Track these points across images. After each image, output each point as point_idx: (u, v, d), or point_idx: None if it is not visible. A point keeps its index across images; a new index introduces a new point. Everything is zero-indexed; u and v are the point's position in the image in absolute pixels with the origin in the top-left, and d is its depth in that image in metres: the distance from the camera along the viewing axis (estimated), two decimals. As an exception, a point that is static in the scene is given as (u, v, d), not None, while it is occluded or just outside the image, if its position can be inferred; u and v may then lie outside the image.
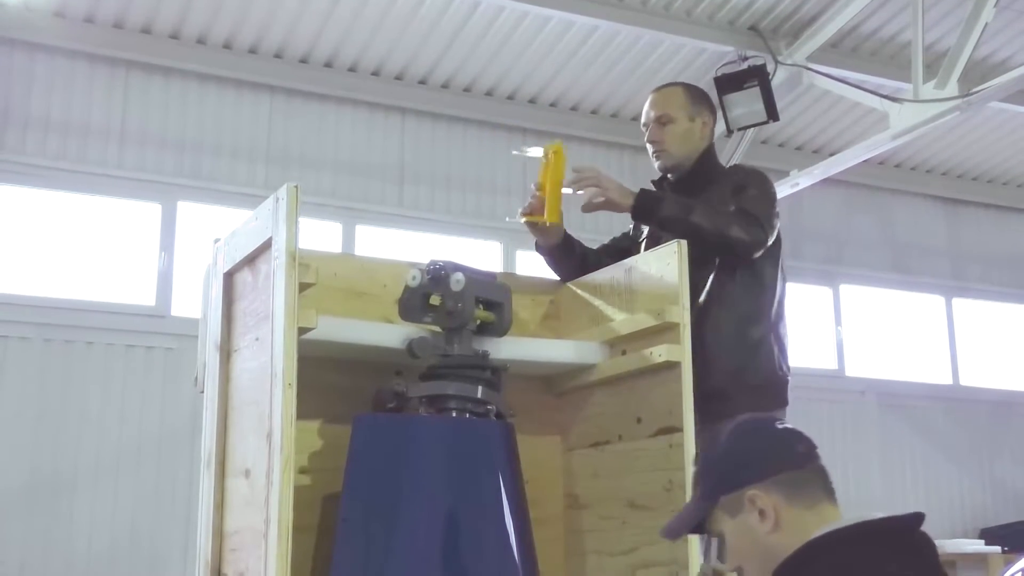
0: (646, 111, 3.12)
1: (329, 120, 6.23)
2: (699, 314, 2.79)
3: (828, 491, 1.73)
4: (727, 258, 2.91)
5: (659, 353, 2.54)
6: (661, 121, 3.06)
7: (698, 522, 1.81)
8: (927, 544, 1.65)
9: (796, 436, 1.79)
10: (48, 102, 5.63)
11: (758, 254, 2.91)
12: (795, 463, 1.74)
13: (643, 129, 3.13)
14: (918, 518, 1.67)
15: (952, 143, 7.51)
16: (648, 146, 3.10)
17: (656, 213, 2.89)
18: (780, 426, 1.80)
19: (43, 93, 5.62)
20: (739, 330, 2.90)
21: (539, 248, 3.10)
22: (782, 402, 2.94)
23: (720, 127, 3.52)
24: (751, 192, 2.95)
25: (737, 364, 2.87)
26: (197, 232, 5.71)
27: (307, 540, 2.46)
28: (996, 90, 5.42)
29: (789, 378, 2.98)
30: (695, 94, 3.16)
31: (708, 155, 3.10)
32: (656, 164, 3.11)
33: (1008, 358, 8.09)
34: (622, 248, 3.16)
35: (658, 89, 3.19)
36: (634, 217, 2.96)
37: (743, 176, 3.06)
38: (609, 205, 2.94)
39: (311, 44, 5.96)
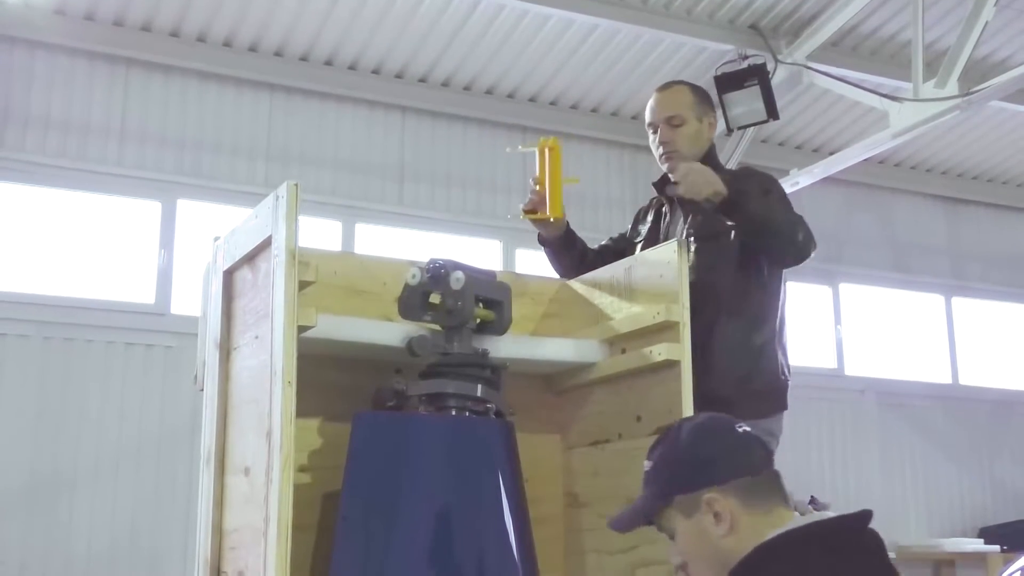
0: (653, 111, 3.07)
1: (329, 118, 6.23)
2: (710, 318, 2.78)
3: (783, 496, 1.74)
4: (779, 261, 2.89)
5: (659, 352, 2.53)
6: (672, 123, 3.01)
7: (649, 518, 1.81)
8: (875, 541, 1.67)
9: (755, 441, 1.79)
10: (48, 100, 5.62)
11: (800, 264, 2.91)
12: (754, 468, 1.74)
13: (648, 130, 3.09)
14: (866, 516, 1.67)
15: (952, 142, 7.50)
16: (658, 147, 3.05)
17: (744, 207, 2.79)
18: (741, 430, 1.80)
19: (43, 91, 5.62)
20: (746, 336, 2.88)
21: (541, 240, 3.13)
22: (782, 407, 2.94)
23: (720, 126, 3.49)
24: (771, 198, 2.91)
25: (742, 370, 2.86)
26: (197, 230, 5.70)
27: (307, 538, 2.46)
28: (996, 89, 5.41)
29: (789, 382, 2.98)
30: (700, 93, 3.13)
31: (711, 154, 3.08)
32: (665, 166, 3.04)
33: (1008, 358, 8.09)
34: (618, 250, 3.15)
35: (663, 89, 3.13)
36: (723, 208, 2.81)
37: (758, 180, 3.01)
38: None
39: (311, 42, 5.96)
